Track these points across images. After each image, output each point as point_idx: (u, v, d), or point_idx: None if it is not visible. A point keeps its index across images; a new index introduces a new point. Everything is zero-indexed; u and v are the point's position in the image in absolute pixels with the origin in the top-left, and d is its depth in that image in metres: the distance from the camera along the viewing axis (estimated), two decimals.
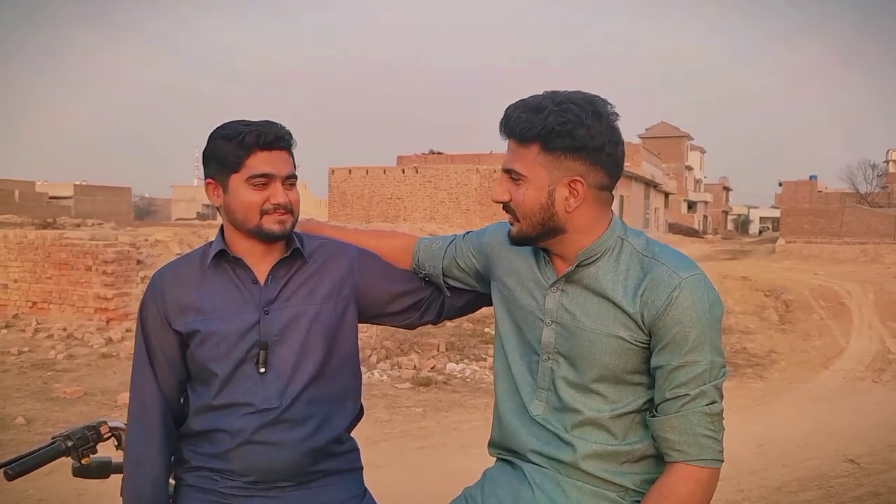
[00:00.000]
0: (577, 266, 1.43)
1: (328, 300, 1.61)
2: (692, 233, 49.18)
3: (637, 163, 37.11)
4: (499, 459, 1.59)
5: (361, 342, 1.71)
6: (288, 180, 1.56)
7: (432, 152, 37.54)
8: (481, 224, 1.93)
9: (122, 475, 1.67)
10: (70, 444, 1.66)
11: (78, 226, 16.91)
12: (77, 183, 50.42)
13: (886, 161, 55.31)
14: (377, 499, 1.71)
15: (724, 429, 1.38)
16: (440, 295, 1.76)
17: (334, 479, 1.61)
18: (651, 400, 1.42)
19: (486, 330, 9.36)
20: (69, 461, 1.69)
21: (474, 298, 1.76)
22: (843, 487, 4.72)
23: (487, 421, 1.64)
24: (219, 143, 1.54)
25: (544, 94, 1.40)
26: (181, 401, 1.64)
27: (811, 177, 62.85)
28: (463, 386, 7.45)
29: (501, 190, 1.45)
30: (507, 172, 1.44)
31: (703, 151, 71.26)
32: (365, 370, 7.18)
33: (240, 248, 1.59)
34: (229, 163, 1.53)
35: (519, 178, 1.41)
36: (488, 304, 1.70)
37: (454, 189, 30.18)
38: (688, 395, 1.35)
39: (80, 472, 1.70)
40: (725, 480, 1.40)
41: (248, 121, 1.55)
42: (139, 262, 9.80)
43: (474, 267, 1.69)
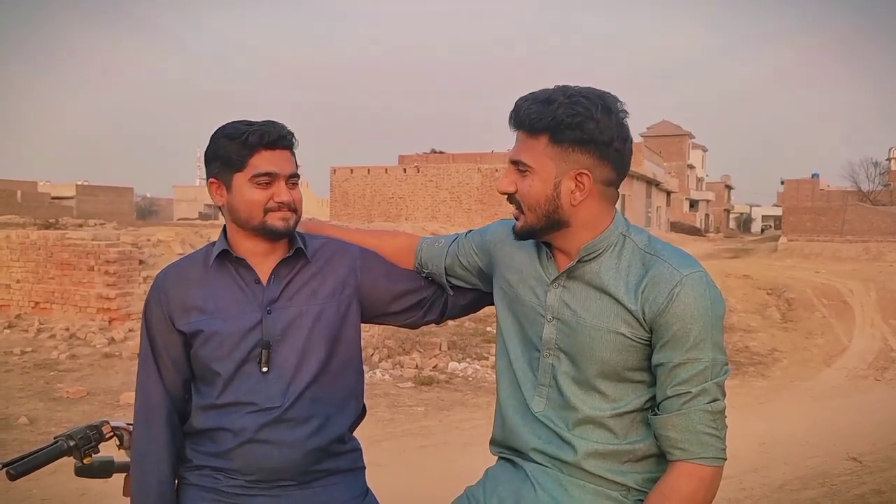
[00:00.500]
0: (578, 261, 1.43)
1: (331, 300, 1.61)
2: (694, 231, 49.13)
3: (639, 161, 37.10)
4: (500, 458, 1.59)
5: (363, 341, 1.71)
6: (291, 179, 1.57)
7: (434, 151, 37.56)
8: (483, 223, 1.92)
9: (125, 474, 1.67)
10: (72, 443, 1.66)
11: (80, 226, 16.94)
12: (79, 183, 50.44)
13: (889, 159, 55.17)
14: (379, 498, 1.72)
15: (727, 427, 1.38)
16: (443, 294, 1.76)
17: (337, 478, 1.61)
18: (652, 399, 1.42)
19: (488, 329, 9.36)
20: (72, 461, 1.69)
21: (477, 297, 1.76)
22: (845, 485, 4.72)
23: (489, 420, 1.64)
24: (222, 143, 1.54)
25: (555, 87, 1.39)
26: (186, 400, 1.64)
27: (813, 175, 62.73)
28: (465, 385, 7.45)
29: (507, 181, 1.44)
30: (514, 164, 1.43)
31: (705, 150, 71.11)
32: (367, 369, 7.18)
33: (242, 247, 1.59)
34: (233, 162, 1.53)
35: (526, 170, 1.41)
36: (491, 303, 1.70)
37: (456, 188, 30.18)
38: (689, 392, 1.34)
39: (82, 472, 1.70)
40: (728, 479, 1.40)
41: (251, 121, 1.56)
42: (141, 262, 9.81)
43: (477, 265, 1.69)
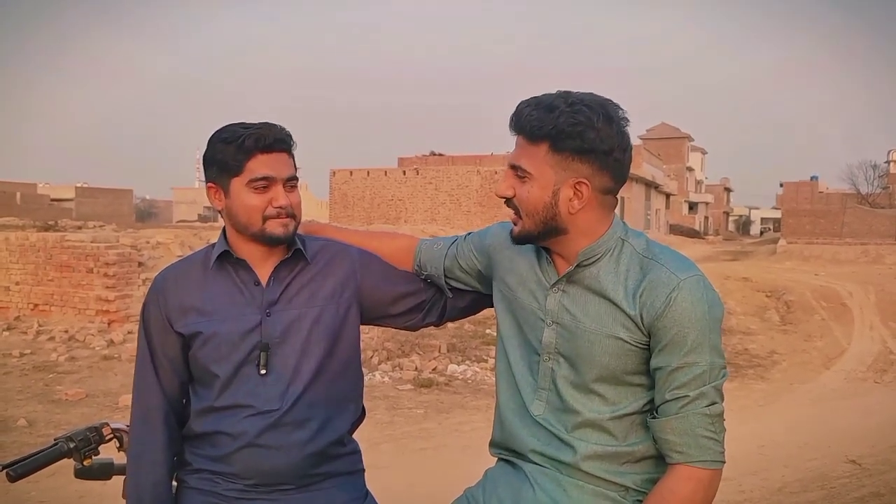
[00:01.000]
0: (577, 266, 1.43)
1: (330, 302, 1.61)
2: (693, 234, 49.15)
3: (638, 164, 37.10)
4: (500, 459, 1.59)
5: (363, 344, 1.71)
6: (289, 182, 1.55)
7: (433, 154, 37.54)
8: (483, 225, 1.92)
9: (125, 476, 1.67)
10: (72, 445, 1.66)
11: (79, 228, 16.93)
12: (78, 185, 50.43)
13: (888, 161, 55.17)
14: (379, 500, 1.71)
15: (725, 430, 1.38)
16: (442, 296, 1.76)
17: (336, 481, 1.60)
18: (651, 401, 1.42)
19: (488, 331, 9.36)
20: (71, 463, 1.69)
21: (476, 299, 1.76)
22: (844, 488, 4.72)
23: (489, 422, 1.64)
24: (218, 147, 1.53)
25: (557, 93, 1.39)
26: (184, 402, 1.64)
27: (812, 177, 62.69)
28: (464, 387, 7.45)
29: (506, 185, 1.44)
30: (513, 168, 1.43)
31: (704, 152, 71.19)
32: (366, 372, 7.18)
33: (242, 250, 1.59)
34: (230, 166, 1.52)
35: (525, 176, 1.41)
36: (490, 305, 1.70)
37: (455, 190, 30.18)
38: (688, 396, 1.35)
39: (82, 474, 1.70)
40: (727, 481, 1.40)
41: (248, 123, 1.54)
42: (140, 265, 9.81)
43: (476, 268, 1.69)
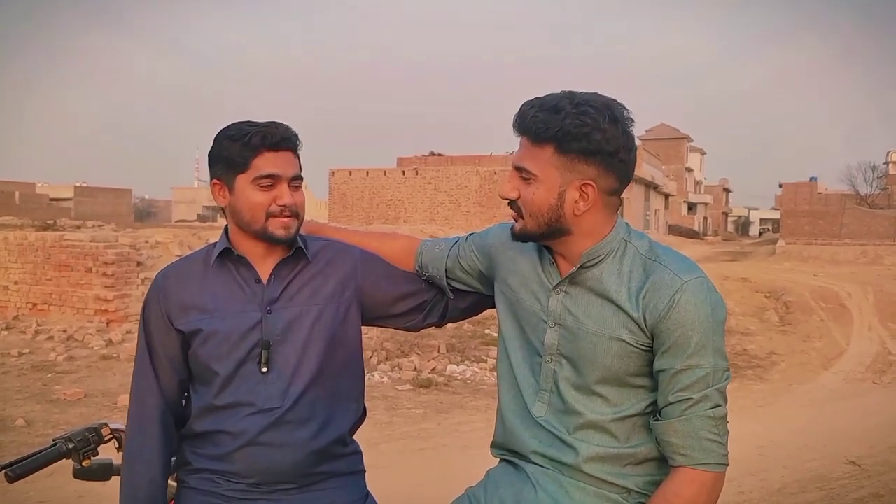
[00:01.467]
0: (580, 267, 1.43)
1: (331, 301, 1.61)
2: (692, 234, 49.18)
3: (637, 164, 36.98)
4: (501, 460, 1.59)
5: (363, 344, 1.71)
6: (294, 181, 1.56)
7: (432, 154, 37.54)
8: (482, 225, 1.91)
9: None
10: (71, 445, 1.65)
11: (78, 227, 16.91)
12: (77, 184, 50.45)
13: (886, 162, 55.22)
14: (379, 501, 1.71)
15: (729, 432, 1.38)
16: (443, 297, 1.75)
17: (337, 481, 1.60)
18: (654, 403, 1.41)
19: (487, 331, 9.36)
20: (70, 463, 1.69)
21: (478, 300, 1.76)
22: (843, 489, 4.72)
23: (488, 422, 1.64)
24: (225, 144, 1.54)
25: (561, 93, 1.38)
26: (182, 402, 1.64)
27: (811, 178, 62.67)
28: (463, 387, 7.44)
29: (510, 187, 1.43)
30: (517, 170, 1.42)
31: (703, 153, 71.27)
32: (365, 372, 7.17)
33: (244, 247, 1.59)
34: (235, 163, 1.52)
35: (530, 177, 1.40)
36: (492, 306, 1.69)
37: (454, 190, 30.18)
38: (691, 398, 1.34)
39: (80, 474, 1.70)
40: (726, 482, 1.40)
41: (254, 122, 1.55)
42: (139, 264, 9.80)
43: (478, 268, 1.69)
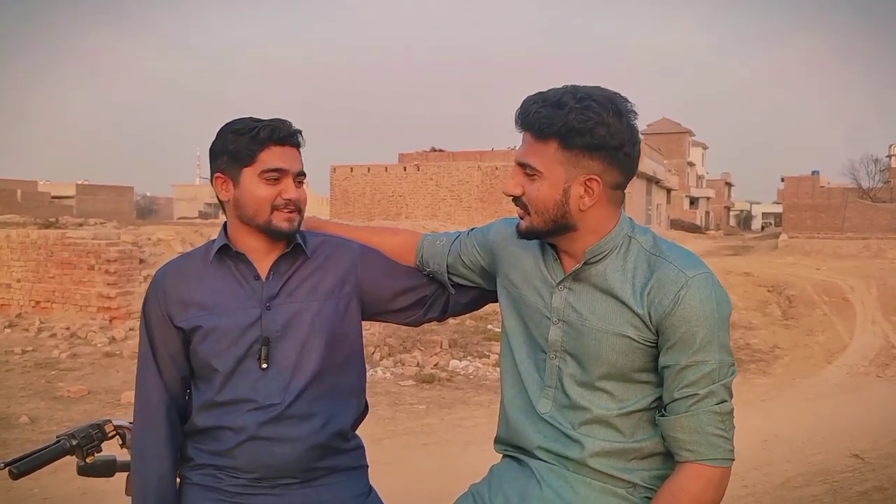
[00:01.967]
0: (584, 264, 1.42)
1: (331, 296, 1.61)
2: (694, 229, 49.12)
3: (639, 159, 37.01)
4: (505, 456, 1.58)
5: (364, 339, 1.71)
6: (298, 177, 1.57)
7: (434, 149, 37.52)
8: (484, 221, 1.91)
9: (128, 474, 1.67)
10: (75, 442, 1.65)
11: (80, 225, 16.94)
12: (79, 182, 50.50)
13: (889, 156, 55.13)
14: (382, 496, 1.71)
15: (734, 427, 1.37)
16: (444, 292, 1.75)
17: (340, 476, 1.60)
18: (659, 398, 1.41)
19: (490, 327, 9.36)
20: (74, 460, 1.69)
21: (479, 295, 1.75)
22: (847, 482, 4.72)
23: (491, 418, 1.63)
24: (230, 138, 1.54)
25: (564, 88, 1.37)
26: (186, 398, 1.64)
27: (813, 172, 62.61)
28: (466, 383, 7.45)
29: (514, 183, 1.42)
30: (521, 166, 1.41)
31: (705, 147, 71.13)
32: (368, 367, 7.16)
33: (243, 244, 1.59)
34: (242, 156, 1.53)
35: (534, 174, 1.39)
36: (493, 301, 1.69)
37: (456, 186, 30.18)
38: (697, 394, 1.34)
39: (84, 471, 1.70)
40: (730, 476, 1.40)
41: (258, 118, 1.56)
42: (142, 261, 9.81)
43: (479, 264, 1.68)
